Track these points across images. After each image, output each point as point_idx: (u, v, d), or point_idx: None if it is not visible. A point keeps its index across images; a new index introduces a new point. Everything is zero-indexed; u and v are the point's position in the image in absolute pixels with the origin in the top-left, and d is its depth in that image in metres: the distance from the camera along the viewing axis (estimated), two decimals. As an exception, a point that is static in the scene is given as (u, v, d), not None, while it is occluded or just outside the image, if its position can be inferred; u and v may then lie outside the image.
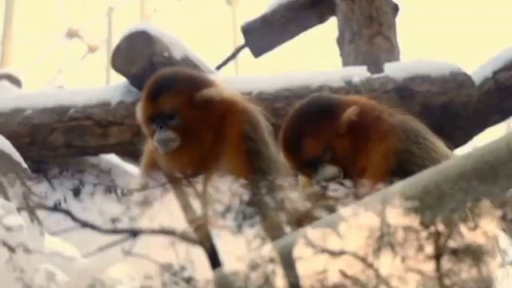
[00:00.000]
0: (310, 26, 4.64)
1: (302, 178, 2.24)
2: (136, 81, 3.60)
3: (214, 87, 2.31)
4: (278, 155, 2.27)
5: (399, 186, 1.34)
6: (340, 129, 2.18)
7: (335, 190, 1.43)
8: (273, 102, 3.46)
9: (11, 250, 1.48)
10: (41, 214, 1.78)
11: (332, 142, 2.18)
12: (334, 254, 1.21)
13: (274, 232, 1.27)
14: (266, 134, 2.30)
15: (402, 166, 2.05)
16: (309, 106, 2.30)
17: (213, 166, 2.20)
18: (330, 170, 2.18)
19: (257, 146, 2.26)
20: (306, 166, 2.18)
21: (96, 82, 10.57)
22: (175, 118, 2.26)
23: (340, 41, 4.34)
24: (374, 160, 2.11)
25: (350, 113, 2.19)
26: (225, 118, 2.29)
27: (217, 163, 2.23)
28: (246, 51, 4.73)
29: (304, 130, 2.22)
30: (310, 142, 2.20)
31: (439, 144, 2.20)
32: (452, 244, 1.26)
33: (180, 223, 1.26)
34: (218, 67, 4.58)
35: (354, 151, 2.17)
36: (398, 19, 4.38)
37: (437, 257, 1.25)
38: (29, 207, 1.58)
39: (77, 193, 3.65)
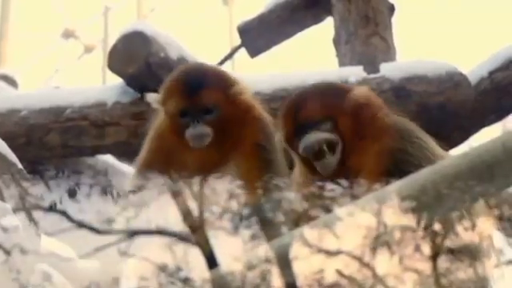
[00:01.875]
0: (307, 26, 4.64)
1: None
2: (132, 81, 3.60)
3: (240, 85, 2.35)
4: (283, 162, 2.30)
5: (396, 185, 1.35)
6: (347, 104, 2.16)
7: (332, 189, 1.44)
8: (269, 102, 3.45)
9: (7, 252, 1.48)
10: (37, 214, 1.77)
11: (335, 116, 2.16)
12: (331, 253, 1.21)
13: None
14: (275, 143, 2.33)
15: (397, 166, 2.05)
16: (321, 83, 2.33)
17: (221, 165, 2.21)
18: (323, 134, 2.13)
19: (269, 155, 2.30)
20: (300, 130, 2.12)
21: (92, 82, 10.56)
22: (213, 113, 2.26)
23: (336, 41, 4.34)
24: (369, 160, 2.11)
25: (361, 93, 2.19)
26: (244, 121, 2.30)
27: (225, 163, 2.23)
28: (243, 51, 4.73)
29: (312, 95, 2.21)
30: (314, 104, 2.18)
31: (433, 144, 2.21)
32: (449, 243, 1.27)
33: (177, 224, 1.26)
34: (215, 67, 4.58)
35: (352, 137, 2.15)
36: (394, 19, 4.38)
37: (434, 256, 1.25)
38: (25, 208, 1.58)
39: (72, 194, 3.65)
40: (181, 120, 2.28)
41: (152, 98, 2.40)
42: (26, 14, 11.89)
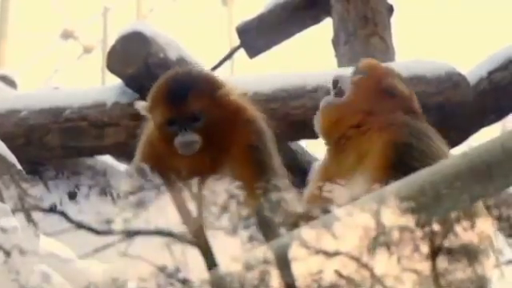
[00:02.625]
0: (306, 27, 4.65)
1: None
2: (131, 82, 3.59)
3: (226, 87, 2.33)
4: (278, 162, 2.30)
5: (395, 186, 1.35)
6: (384, 82, 2.27)
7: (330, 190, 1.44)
8: (268, 102, 3.45)
9: (6, 253, 1.48)
10: (36, 215, 1.77)
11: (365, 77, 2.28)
12: (330, 254, 1.21)
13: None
14: (269, 143, 2.34)
15: (401, 160, 2.06)
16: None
17: (215, 169, 2.21)
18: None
19: (261, 155, 2.29)
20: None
21: (92, 83, 10.57)
22: (200, 120, 2.25)
23: (335, 41, 4.34)
24: (374, 150, 2.12)
25: (403, 87, 2.30)
26: (234, 123, 2.30)
27: (219, 167, 2.23)
28: (242, 51, 4.73)
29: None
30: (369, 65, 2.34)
31: (444, 146, 2.22)
32: (448, 244, 1.27)
33: (175, 224, 1.26)
34: (214, 68, 4.58)
35: (363, 106, 2.22)
36: (393, 20, 4.39)
37: (432, 256, 1.25)
38: (24, 209, 1.58)
39: (72, 196, 3.65)
40: (169, 128, 2.27)
41: (140, 105, 2.37)
42: (25, 14, 11.90)
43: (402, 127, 2.16)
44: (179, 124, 2.25)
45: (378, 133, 2.16)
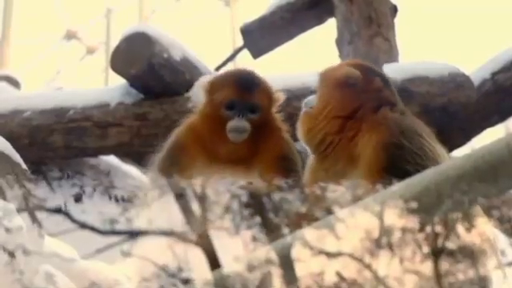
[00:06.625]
0: (309, 27, 4.65)
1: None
2: (135, 82, 3.60)
3: (279, 100, 2.52)
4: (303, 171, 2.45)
5: (398, 186, 1.34)
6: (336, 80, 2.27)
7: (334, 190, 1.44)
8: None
9: (10, 253, 1.48)
10: (40, 215, 1.77)
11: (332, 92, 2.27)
12: (334, 255, 1.21)
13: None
14: (297, 157, 2.51)
15: (392, 161, 2.05)
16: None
17: (245, 165, 2.39)
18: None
19: (292, 165, 2.46)
20: None
21: (94, 84, 10.57)
22: (256, 113, 2.41)
23: (339, 42, 4.34)
24: (367, 151, 2.12)
25: (353, 72, 2.24)
26: (272, 132, 2.48)
27: (249, 165, 2.40)
28: (245, 52, 4.73)
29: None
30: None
31: (438, 147, 2.20)
32: (450, 245, 1.26)
33: (179, 224, 1.26)
34: (217, 68, 4.59)
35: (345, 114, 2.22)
36: (397, 20, 4.38)
37: (435, 258, 1.25)
38: (28, 208, 1.58)
39: (78, 199, 3.65)
40: (225, 111, 2.40)
41: (200, 83, 2.54)
42: (28, 15, 11.91)
43: (391, 127, 2.14)
44: (238, 109, 2.39)
45: (368, 135, 2.14)
